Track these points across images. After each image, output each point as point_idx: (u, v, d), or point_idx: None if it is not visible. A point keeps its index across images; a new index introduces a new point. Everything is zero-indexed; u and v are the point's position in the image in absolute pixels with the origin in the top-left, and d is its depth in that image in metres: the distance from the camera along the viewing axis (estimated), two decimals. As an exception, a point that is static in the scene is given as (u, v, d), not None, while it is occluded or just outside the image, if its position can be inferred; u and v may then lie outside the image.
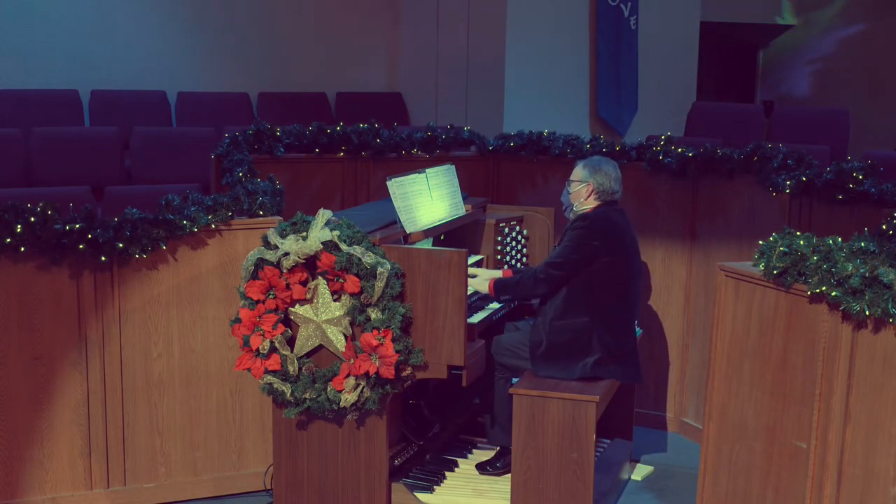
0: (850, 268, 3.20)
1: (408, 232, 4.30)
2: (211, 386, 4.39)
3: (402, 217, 4.32)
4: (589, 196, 4.39)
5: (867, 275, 3.15)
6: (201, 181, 6.65)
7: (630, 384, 4.65)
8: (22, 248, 3.96)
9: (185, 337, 4.32)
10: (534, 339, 4.30)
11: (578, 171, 4.44)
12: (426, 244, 4.44)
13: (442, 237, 4.74)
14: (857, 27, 11.00)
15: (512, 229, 5.02)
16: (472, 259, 4.81)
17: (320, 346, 3.97)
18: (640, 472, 4.83)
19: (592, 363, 4.21)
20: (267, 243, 3.92)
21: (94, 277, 4.13)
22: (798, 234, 3.54)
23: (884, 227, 3.89)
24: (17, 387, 4.08)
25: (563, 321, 4.26)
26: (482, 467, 4.51)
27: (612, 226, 4.31)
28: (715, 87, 12.39)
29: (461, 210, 4.83)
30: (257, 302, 3.92)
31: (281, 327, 3.93)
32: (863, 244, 3.34)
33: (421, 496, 4.24)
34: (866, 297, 3.14)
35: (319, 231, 3.85)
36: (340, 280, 3.84)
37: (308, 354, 3.98)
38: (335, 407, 3.91)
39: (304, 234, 3.87)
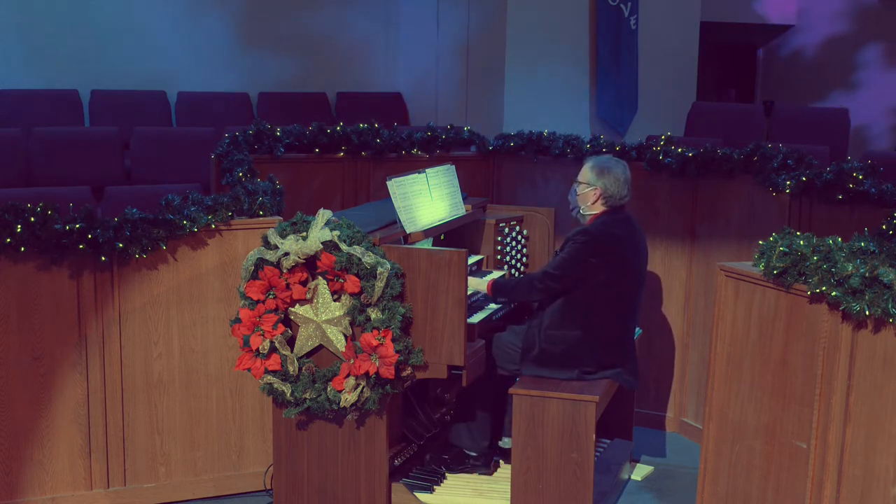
0: (850, 268, 3.20)
1: (408, 232, 4.30)
2: (211, 386, 4.39)
3: (402, 217, 4.32)
4: (596, 201, 4.36)
5: (867, 275, 3.15)
6: (201, 181, 6.66)
7: (630, 385, 4.65)
8: (22, 248, 3.96)
9: (185, 337, 4.32)
10: (527, 342, 4.30)
11: (586, 173, 4.40)
12: (426, 244, 4.44)
13: (442, 237, 4.74)
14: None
15: (512, 229, 5.02)
16: (472, 259, 4.81)
17: (320, 346, 3.97)
18: (640, 472, 4.83)
19: (583, 373, 4.22)
20: (267, 243, 3.92)
21: (94, 277, 4.13)
22: (798, 234, 3.54)
23: (884, 227, 3.89)
24: (17, 387, 4.08)
25: (558, 331, 4.26)
26: (436, 459, 4.50)
27: (614, 241, 4.26)
28: (715, 87, 12.39)
29: (461, 210, 4.83)
30: (257, 302, 3.92)
31: (281, 327, 3.93)
32: (863, 244, 3.34)
33: (421, 496, 4.24)
34: (866, 297, 3.14)
35: (319, 231, 3.85)
36: (340, 280, 3.84)
37: (308, 354, 3.98)
38: (335, 407, 3.91)
39: (304, 234, 3.87)
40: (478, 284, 4.49)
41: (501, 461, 4.59)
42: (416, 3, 9.46)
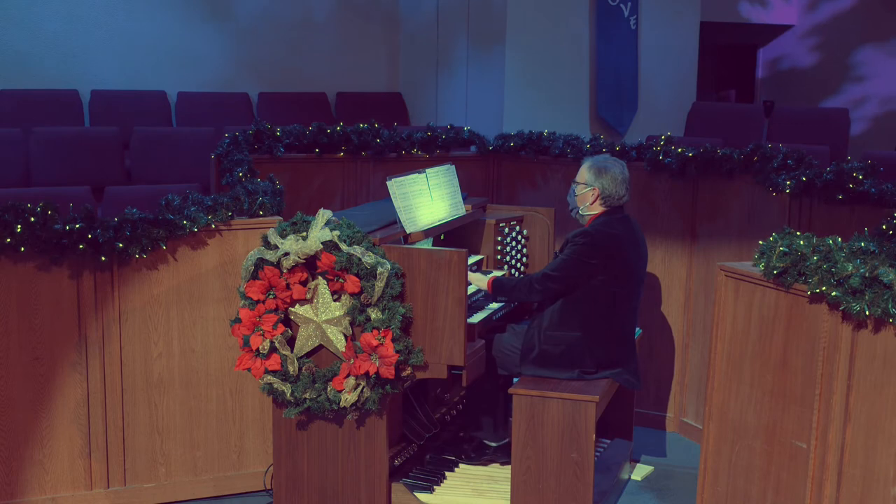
0: (850, 268, 3.20)
1: (408, 232, 4.30)
2: (211, 386, 4.39)
3: (402, 217, 4.32)
4: (594, 201, 4.37)
5: (867, 275, 3.15)
6: (201, 181, 6.66)
7: (630, 385, 4.66)
8: (22, 248, 3.96)
9: (185, 337, 4.32)
10: (527, 343, 4.30)
11: (584, 173, 4.41)
12: (426, 244, 4.44)
13: (442, 237, 4.74)
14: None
15: (512, 229, 5.02)
16: (472, 259, 4.81)
17: (320, 346, 3.97)
18: (640, 472, 4.83)
19: (583, 373, 4.22)
20: (267, 243, 3.92)
21: (94, 277, 4.14)
22: (798, 234, 3.54)
23: (884, 227, 3.89)
24: (17, 387, 4.08)
25: (557, 332, 4.26)
26: (454, 451, 4.55)
27: (614, 242, 4.26)
28: (715, 88, 12.39)
29: (461, 210, 4.83)
30: (257, 302, 3.92)
31: (281, 327, 3.93)
32: (863, 244, 3.34)
33: (421, 496, 4.24)
34: (866, 297, 3.14)
35: (319, 231, 3.85)
36: (340, 280, 3.84)
37: (308, 354, 3.98)
38: (335, 407, 3.91)
39: (304, 234, 3.87)
40: (479, 281, 4.49)
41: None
42: (415, 3, 9.46)
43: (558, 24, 8.36)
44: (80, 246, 4.01)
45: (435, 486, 4.34)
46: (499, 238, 4.96)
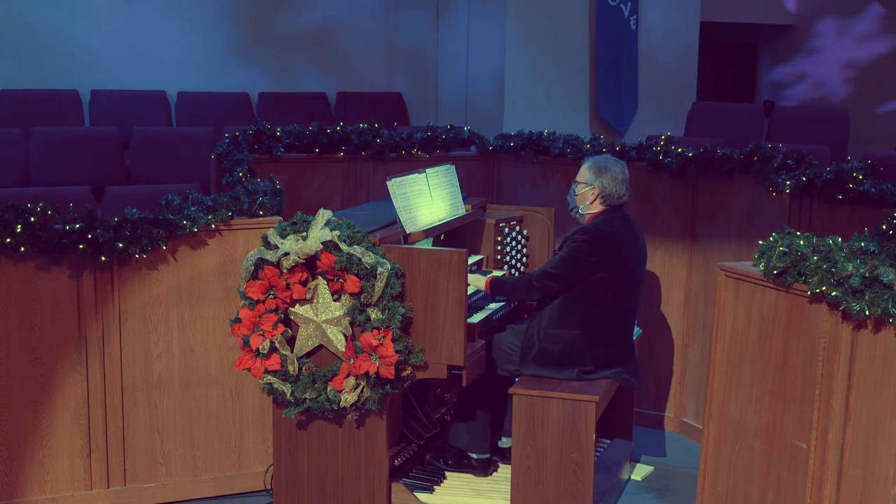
0: (850, 268, 3.20)
1: (408, 232, 4.30)
2: (211, 386, 4.39)
3: (402, 217, 4.32)
4: (594, 200, 4.37)
5: (867, 275, 3.15)
6: (201, 181, 6.66)
7: (630, 385, 4.65)
8: (22, 248, 3.96)
9: (185, 337, 4.32)
10: (526, 342, 4.30)
11: (584, 173, 4.42)
12: (426, 244, 4.44)
13: (442, 237, 4.74)
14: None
15: (512, 229, 5.02)
16: (472, 259, 4.81)
17: (320, 346, 3.97)
18: (640, 472, 4.83)
19: (582, 372, 4.22)
20: (267, 243, 3.92)
21: (94, 277, 4.14)
22: (798, 234, 3.54)
23: (884, 227, 3.89)
24: (17, 387, 4.08)
25: (557, 330, 4.26)
26: (436, 457, 4.51)
27: (613, 240, 4.27)
28: (715, 87, 12.39)
29: (461, 210, 4.83)
30: (257, 302, 3.92)
31: (281, 327, 3.93)
32: (863, 244, 3.34)
33: (421, 496, 4.24)
34: (866, 297, 3.14)
35: (319, 231, 3.85)
36: (340, 280, 3.84)
37: (308, 354, 3.98)
38: (335, 407, 3.91)
39: (304, 234, 3.87)
40: (477, 281, 4.49)
41: (500, 463, 4.59)
42: (415, 3, 9.46)
43: (558, 24, 8.36)
44: (80, 246, 4.01)
45: (435, 486, 4.34)
46: (499, 238, 4.96)
